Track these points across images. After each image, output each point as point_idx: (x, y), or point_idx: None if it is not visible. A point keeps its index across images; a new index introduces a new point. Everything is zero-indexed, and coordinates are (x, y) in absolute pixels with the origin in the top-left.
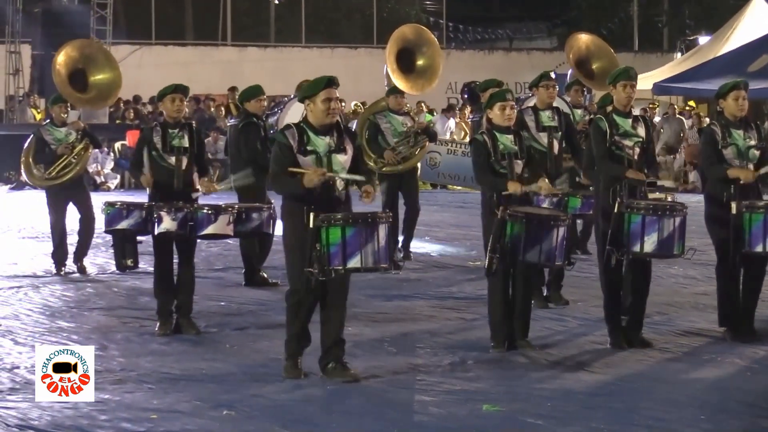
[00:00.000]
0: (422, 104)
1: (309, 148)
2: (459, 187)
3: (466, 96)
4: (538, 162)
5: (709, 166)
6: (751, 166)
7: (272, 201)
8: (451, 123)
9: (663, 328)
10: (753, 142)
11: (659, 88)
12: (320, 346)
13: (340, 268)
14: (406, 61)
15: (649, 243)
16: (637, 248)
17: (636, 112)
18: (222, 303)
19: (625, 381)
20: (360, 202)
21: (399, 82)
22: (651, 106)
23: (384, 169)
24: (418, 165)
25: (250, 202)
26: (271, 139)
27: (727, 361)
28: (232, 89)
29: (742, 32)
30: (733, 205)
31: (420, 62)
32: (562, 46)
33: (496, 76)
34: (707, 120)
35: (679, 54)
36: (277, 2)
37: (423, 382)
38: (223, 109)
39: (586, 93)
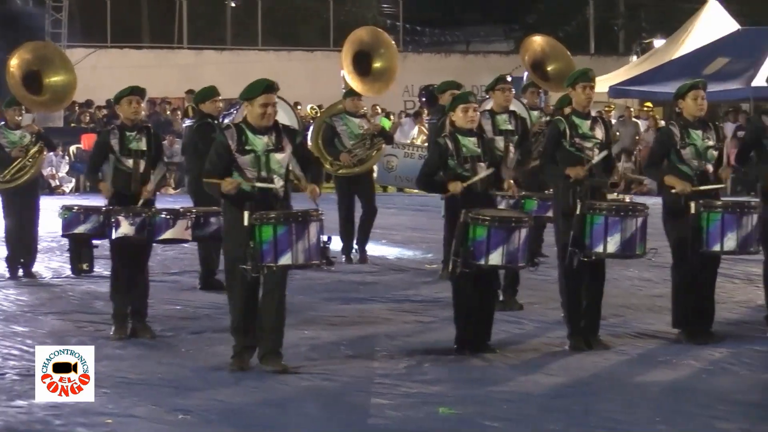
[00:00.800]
0: (377, 107)
1: (248, 147)
2: (416, 190)
3: (423, 99)
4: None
5: (650, 166)
6: (710, 167)
7: None
8: (416, 129)
9: (619, 330)
10: (711, 143)
11: (615, 91)
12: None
13: (272, 264)
14: (362, 64)
15: (612, 244)
16: (600, 249)
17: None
18: (178, 307)
19: (581, 383)
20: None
21: (356, 85)
22: (607, 109)
23: (340, 171)
24: (375, 168)
25: (205, 206)
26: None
27: (683, 363)
28: (189, 92)
29: (697, 35)
30: (691, 206)
31: (377, 65)
32: (519, 49)
33: (453, 79)
34: (662, 123)
35: (634, 57)
36: (233, 5)
37: (380, 385)
38: (179, 112)
39: (541, 95)
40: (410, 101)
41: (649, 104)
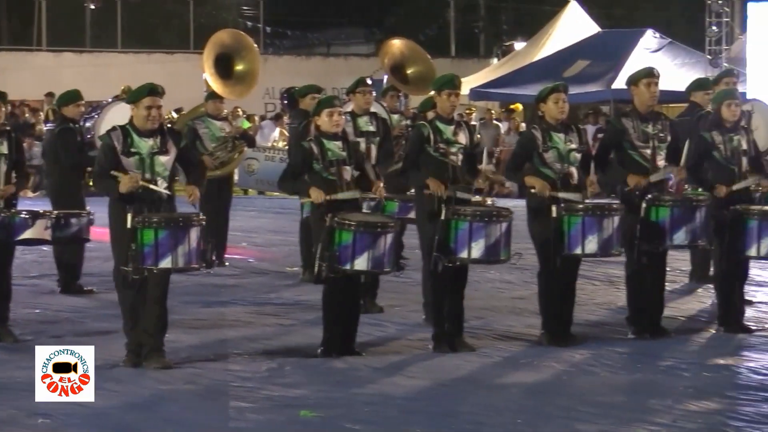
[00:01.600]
0: (238, 110)
1: (133, 149)
2: (276, 193)
3: (284, 102)
4: None
5: (511, 169)
6: (573, 169)
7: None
8: (277, 132)
9: (481, 333)
10: (574, 146)
11: (476, 94)
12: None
13: (153, 267)
14: (224, 67)
15: (476, 249)
16: (464, 254)
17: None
18: (37, 311)
19: (443, 385)
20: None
21: (217, 88)
22: (468, 111)
23: None
24: (235, 171)
25: (66, 209)
26: (87, 143)
27: (545, 365)
28: (49, 95)
29: (557, 38)
30: (553, 209)
31: (238, 67)
32: (379, 52)
33: (313, 82)
34: (523, 125)
35: (495, 59)
36: (93, 7)
37: (241, 388)
38: (42, 115)
39: (401, 98)
40: (271, 104)
41: (517, 106)
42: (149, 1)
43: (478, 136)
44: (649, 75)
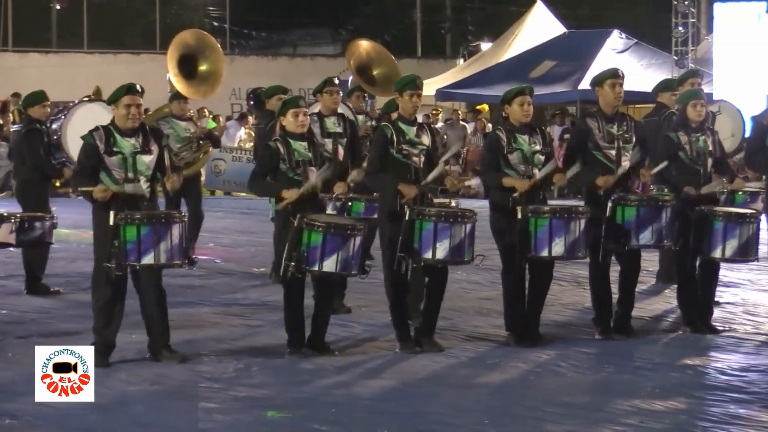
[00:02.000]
0: (204, 110)
1: (115, 149)
2: (243, 194)
3: (251, 102)
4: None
5: (486, 172)
6: (536, 171)
7: (53, 210)
8: (242, 131)
9: (448, 333)
10: (538, 147)
11: (442, 94)
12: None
13: (135, 264)
14: (188, 67)
15: (441, 250)
16: (428, 255)
17: (419, 119)
18: (4, 311)
19: (410, 386)
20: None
21: (181, 88)
22: (434, 112)
23: None
24: (202, 172)
25: (32, 211)
26: (54, 145)
27: (511, 366)
28: (15, 95)
29: (523, 39)
30: (519, 211)
31: (202, 68)
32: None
33: (280, 82)
34: (490, 126)
35: (461, 60)
36: (58, 7)
37: (208, 389)
38: (11, 116)
39: (367, 99)
40: (238, 104)
41: (483, 107)
42: (115, 1)
43: (445, 136)
44: (613, 76)
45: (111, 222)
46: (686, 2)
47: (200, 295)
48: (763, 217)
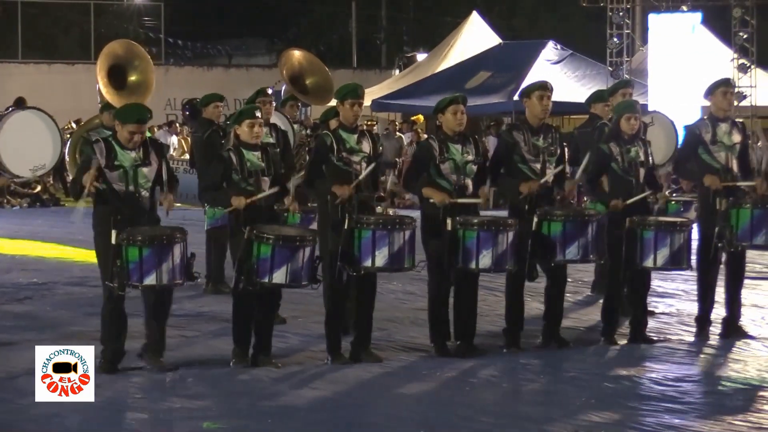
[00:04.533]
0: None
1: (116, 163)
2: (179, 204)
3: (187, 113)
4: None
5: (408, 179)
6: (469, 181)
7: None
8: (174, 139)
9: (383, 344)
10: (471, 157)
11: (378, 105)
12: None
13: (138, 284)
14: (118, 77)
15: (380, 257)
16: (368, 263)
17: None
18: None
19: (346, 396)
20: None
21: (111, 98)
22: (369, 122)
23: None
24: None
25: None
26: None
27: (447, 376)
28: None
29: (459, 49)
30: (448, 222)
31: (132, 78)
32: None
33: (216, 92)
34: (425, 136)
35: (397, 71)
36: None
37: (143, 399)
38: None
39: (301, 108)
40: (173, 114)
41: (419, 117)
42: (50, 10)
43: (381, 147)
44: (541, 88)
45: (113, 241)
46: (621, 13)
47: (135, 306)
48: (694, 226)
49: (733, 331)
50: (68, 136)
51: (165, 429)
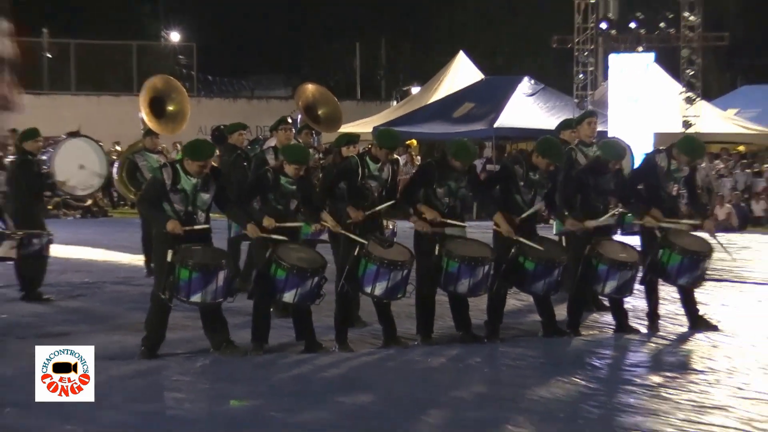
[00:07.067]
0: (178, 144)
1: (179, 186)
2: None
3: (214, 139)
4: None
5: (406, 194)
6: (458, 203)
7: (48, 228)
8: None
9: (381, 334)
10: (463, 184)
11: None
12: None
13: (185, 300)
14: (158, 107)
15: (379, 288)
16: (368, 290)
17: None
18: (4, 315)
19: (351, 379)
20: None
21: (152, 125)
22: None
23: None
24: None
25: (27, 229)
26: (43, 174)
27: (437, 362)
28: (13, 131)
29: (447, 83)
30: (437, 248)
31: (170, 108)
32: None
33: (240, 121)
34: (419, 158)
35: (395, 102)
36: (49, 56)
37: (178, 381)
38: (10, 149)
39: (314, 135)
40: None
41: (412, 142)
42: (98, 50)
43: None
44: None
45: (168, 259)
46: (586, 53)
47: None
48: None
49: (694, 323)
50: (114, 157)
51: (197, 406)
